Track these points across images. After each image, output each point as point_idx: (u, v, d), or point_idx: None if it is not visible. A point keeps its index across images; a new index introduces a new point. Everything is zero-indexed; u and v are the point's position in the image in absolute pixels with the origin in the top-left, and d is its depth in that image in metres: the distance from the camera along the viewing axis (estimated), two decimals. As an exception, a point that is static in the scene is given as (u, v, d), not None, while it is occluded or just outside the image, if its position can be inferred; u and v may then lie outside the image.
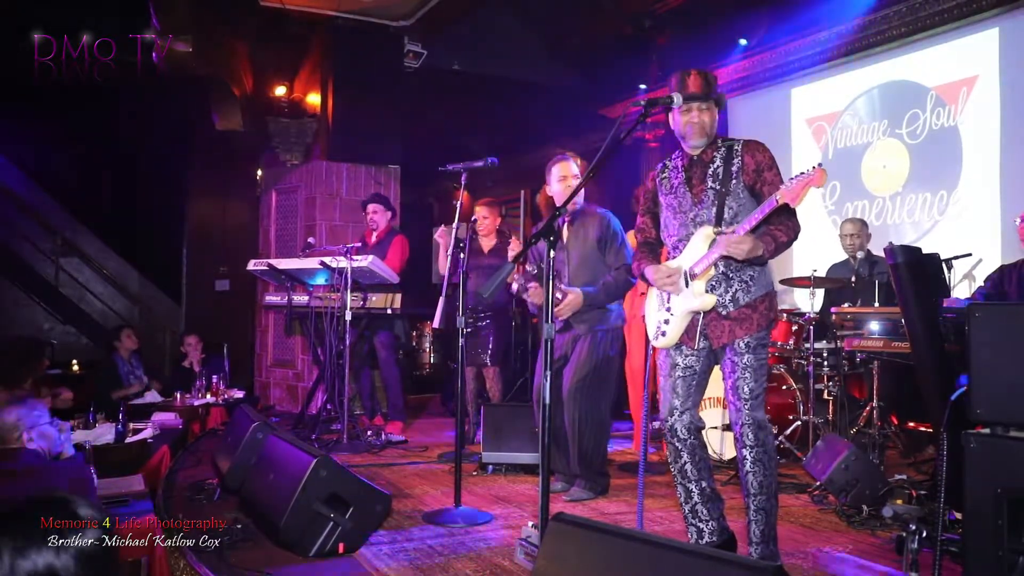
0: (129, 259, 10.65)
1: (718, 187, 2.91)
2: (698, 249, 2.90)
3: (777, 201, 2.63)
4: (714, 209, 2.90)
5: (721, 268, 2.90)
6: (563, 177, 4.21)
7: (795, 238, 2.85)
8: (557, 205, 4.29)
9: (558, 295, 4.07)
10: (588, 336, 4.17)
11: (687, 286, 2.93)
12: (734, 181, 2.89)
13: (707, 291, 2.90)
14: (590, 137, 8.40)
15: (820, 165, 2.58)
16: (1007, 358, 2.45)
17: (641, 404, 4.51)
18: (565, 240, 4.24)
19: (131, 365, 6.73)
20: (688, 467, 3.00)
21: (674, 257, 3.02)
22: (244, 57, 7.85)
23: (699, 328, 2.94)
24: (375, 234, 6.13)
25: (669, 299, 3.00)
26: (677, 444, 3.00)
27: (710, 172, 2.95)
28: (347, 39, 7.63)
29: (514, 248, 5.32)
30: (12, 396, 3.08)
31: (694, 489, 3.00)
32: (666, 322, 3.01)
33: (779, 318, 3.04)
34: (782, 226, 2.80)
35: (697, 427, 3.01)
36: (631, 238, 4.18)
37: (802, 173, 2.59)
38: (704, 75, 2.94)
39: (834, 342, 4.81)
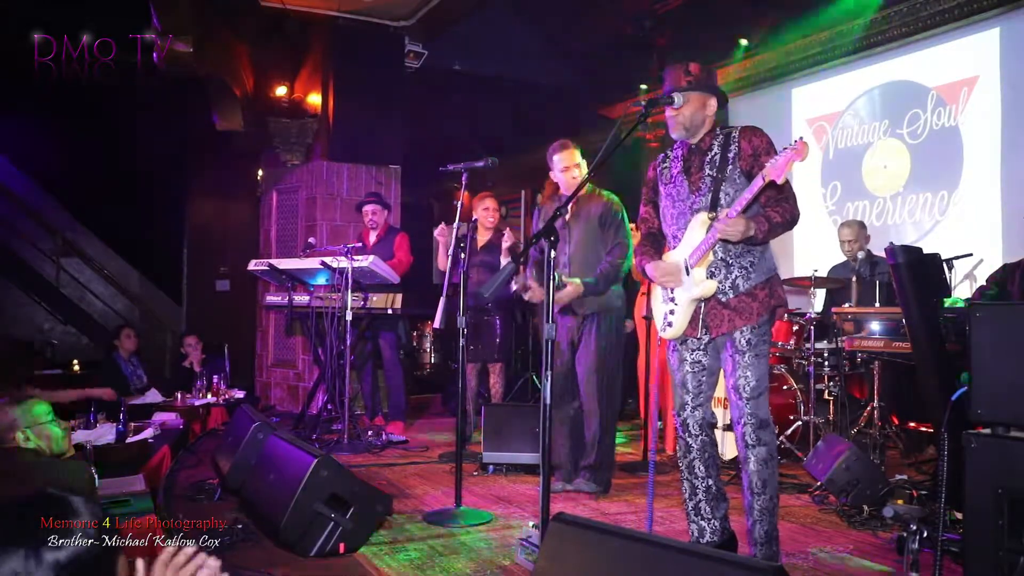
0: (130, 259, 10.65)
1: (715, 174, 2.91)
2: (696, 235, 2.90)
3: (764, 179, 2.63)
4: (710, 195, 2.90)
5: (720, 254, 2.89)
6: (567, 168, 4.24)
7: (793, 220, 2.82)
8: (562, 192, 4.32)
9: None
10: (594, 320, 4.21)
11: (688, 274, 2.93)
12: (731, 167, 2.89)
13: (708, 277, 2.90)
14: (590, 137, 8.39)
15: (802, 138, 2.59)
16: (1008, 358, 2.45)
17: (652, 403, 4.53)
18: (567, 219, 4.27)
19: (132, 365, 6.73)
20: (696, 463, 2.99)
21: (674, 246, 3.02)
22: (244, 57, 7.85)
23: (701, 316, 2.94)
24: (374, 233, 6.14)
25: (673, 290, 3.01)
26: (688, 439, 3.00)
27: (708, 160, 2.95)
28: (347, 39, 7.63)
29: (508, 238, 5.33)
30: (11, 396, 3.07)
31: (700, 486, 2.99)
32: (671, 312, 3.01)
33: (783, 304, 3.01)
34: (778, 207, 2.80)
35: (709, 423, 3.00)
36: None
37: (785, 148, 2.60)
38: (684, 67, 2.94)
39: (835, 342, 4.80)
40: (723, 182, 2.88)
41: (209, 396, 6.05)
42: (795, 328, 5.23)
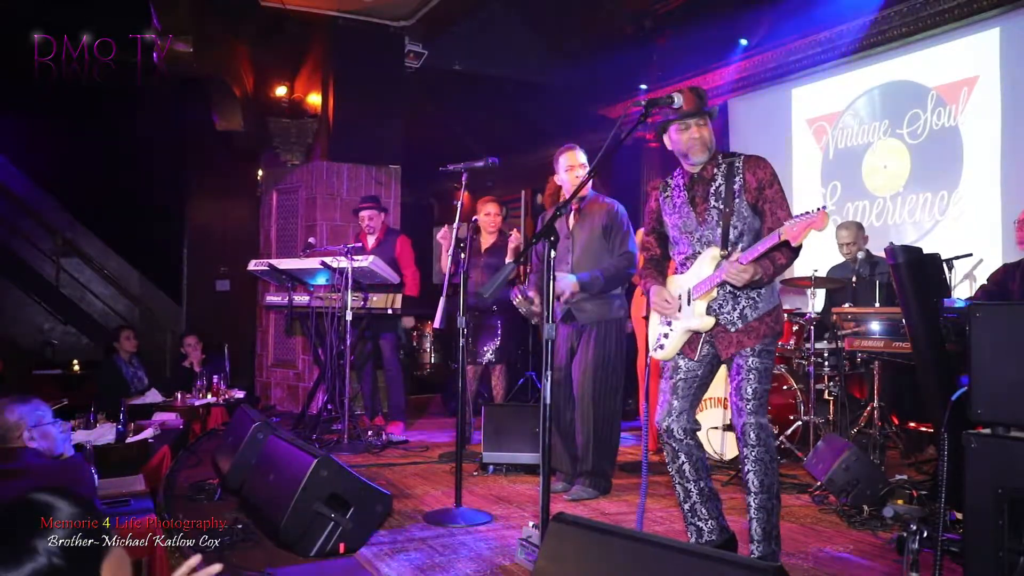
0: (130, 259, 10.66)
1: (721, 207, 2.94)
2: (704, 269, 2.93)
3: (780, 237, 2.68)
4: (719, 230, 2.93)
5: (728, 288, 2.92)
6: (570, 167, 4.25)
7: (795, 258, 2.90)
8: (564, 194, 4.32)
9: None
10: (594, 329, 4.19)
11: (688, 304, 2.95)
12: (736, 200, 2.92)
13: (708, 312, 2.93)
14: (590, 137, 8.39)
15: (823, 208, 2.63)
16: (1007, 358, 2.45)
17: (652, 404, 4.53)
18: (571, 228, 4.26)
19: (132, 367, 6.72)
20: (686, 467, 3.01)
21: (681, 273, 3.05)
22: (244, 57, 7.85)
23: (701, 341, 2.98)
24: (372, 237, 6.14)
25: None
26: (674, 445, 3.02)
27: (712, 191, 2.97)
28: (347, 39, 7.63)
29: (515, 239, 5.32)
30: (15, 395, 3.07)
31: (693, 489, 3.01)
32: (665, 336, 3.06)
33: (781, 334, 3.07)
34: (784, 247, 2.82)
35: (693, 429, 3.04)
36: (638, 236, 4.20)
37: (806, 213, 2.63)
38: (695, 91, 2.99)
39: (835, 342, 4.81)
40: (731, 216, 2.92)
41: (209, 396, 6.05)
42: (795, 328, 5.23)
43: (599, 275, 4.13)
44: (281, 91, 7.92)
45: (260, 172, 8.61)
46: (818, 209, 2.61)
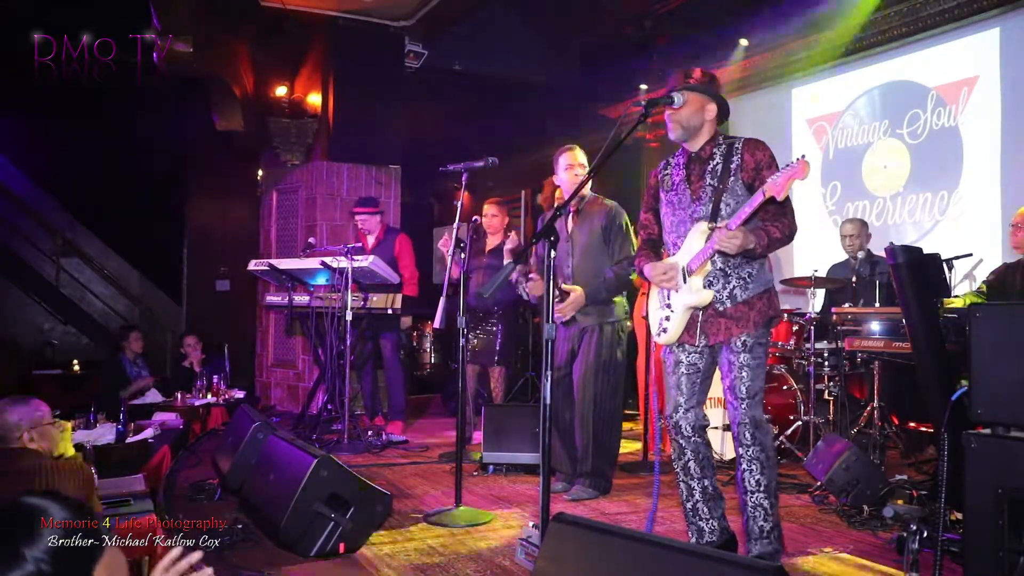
0: (129, 259, 10.66)
1: (716, 184, 2.93)
2: (695, 244, 2.91)
3: (764, 194, 2.65)
4: (711, 205, 2.91)
5: (719, 264, 2.91)
6: (570, 166, 4.24)
7: (791, 236, 2.86)
8: (564, 194, 4.31)
9: (559, 291, 4.09)
10: (595, 330, 4.19)
11: (685, 282, 2.94)
12: (732, 178, 2.91)
13: (705, 287, 2.91)
14: (590, 137, 8.37)
15: (803, 157, 2.61)
16: (1007, 358, 2.45)
17: (651, 403, 4.53)
18: (570, 230, 4.26)
19: (137, 367, 6.74)
20: (691, 464, 3.01)
21: (673, 253, 3.03)
22: (244, 57, 7.85)
23: (699, 324, 2.95)
24: (372, 237, 6.14)
25: (669, 296, 3.02)
26: (681, 441, 3.01)
27: (709, 169, 2.96)
28: (347, 39, 7.63)
29: (511, 242, 5.32)
30: (13, 396, 3.07)
31: (696, 487, 3.01)
32: (667, 319, 3.03)
33: (779, 315, 3.04)
34: (777, 222, 2.81)
35: (702, 425, 3.02)
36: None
37: (787, 166, 2.63)
38: (685, 70, 2.98)
39: (835, 342, 4.80)
40: (724, 192, 2.90)
41: (209, 396, 6.05)
42: (795, 328, 5.23)
43: (603, 285, 4.13)
44: (281, 91, 7.92)
45: (260, 172, 8.61)
46: (798, 159, 2.60)
